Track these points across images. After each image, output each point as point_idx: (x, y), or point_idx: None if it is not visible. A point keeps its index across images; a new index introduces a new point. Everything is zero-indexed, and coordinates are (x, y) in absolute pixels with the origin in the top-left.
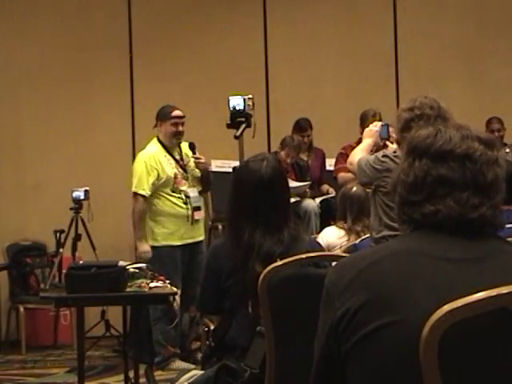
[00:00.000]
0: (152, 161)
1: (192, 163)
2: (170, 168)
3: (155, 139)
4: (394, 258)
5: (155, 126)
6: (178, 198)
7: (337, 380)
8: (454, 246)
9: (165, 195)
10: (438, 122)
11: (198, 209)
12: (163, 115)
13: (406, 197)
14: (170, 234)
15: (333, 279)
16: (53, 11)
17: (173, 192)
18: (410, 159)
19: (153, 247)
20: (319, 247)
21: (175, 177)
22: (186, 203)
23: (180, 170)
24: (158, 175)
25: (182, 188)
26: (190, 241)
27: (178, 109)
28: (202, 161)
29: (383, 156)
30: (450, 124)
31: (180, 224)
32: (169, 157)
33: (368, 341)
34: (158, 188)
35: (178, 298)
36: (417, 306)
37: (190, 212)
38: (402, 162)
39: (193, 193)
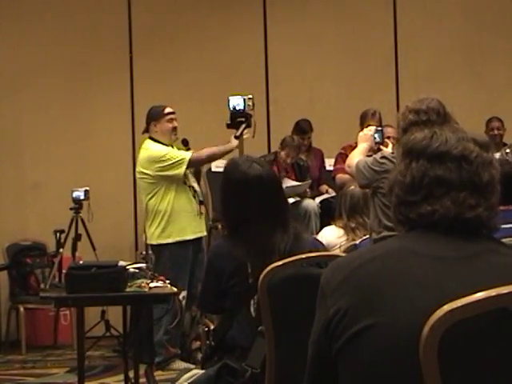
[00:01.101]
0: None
1: None
2: None
3: (149, 140)
4: (387, 257)
5: (146, 130)
6: (189, 191)
7: (329, 379)
8: (448, 245)
9: (177, 190)
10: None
11: (201, 203)
12: (157, 114)
13: (403, 197)
14: (183, 228)
15: (327, 278)
16: (53, 11)
17: (183, 186)
18: (406, 161)
19: (165, 245)
20: (322, 247)
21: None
22: (194, 197)
23: None
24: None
25: (189, 183)
26: (199, 234)
27: (167, 106)
28: None
29: (381, 157)
30: (445, 127)
31: (192, 218)
32: None
33: (358, 340)
34: (171, 183)
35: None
36: (408, 305)
37: (198, 206)
38: (398, 164)
39: (197, 187)
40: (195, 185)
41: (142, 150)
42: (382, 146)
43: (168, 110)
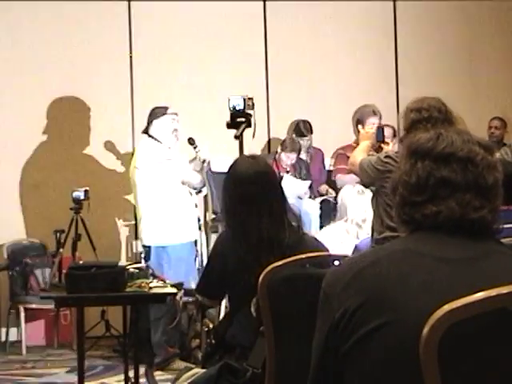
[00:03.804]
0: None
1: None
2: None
3: (147, 137)
4: (392, 258)
5: (145, 130)
6: (186, 193)
7: (335, 381)
8: (452, 246)
9: (176, 192)
10: (445, 126)
11: (195, 205)
12: (159, 113)
13: (408, 197)
14: (180, 231)
15: (330, 281)
16: (53, 11)
17: (181, 187)
18: (411, 161)
19: (162, 247)
20: (324, 247)
21: None
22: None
23: None
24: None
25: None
26: (194, 238)
27: (170, 107)
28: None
29: (385, 157)
30: (450, 128)
31: (189, 220)
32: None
33: (366, 341)
34: (168, 183)
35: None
36: (414, 305)
37: (194, 208)
38: (403, 164)
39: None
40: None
41: (139, 145)
42: (383, 145)
43: (171, 110)
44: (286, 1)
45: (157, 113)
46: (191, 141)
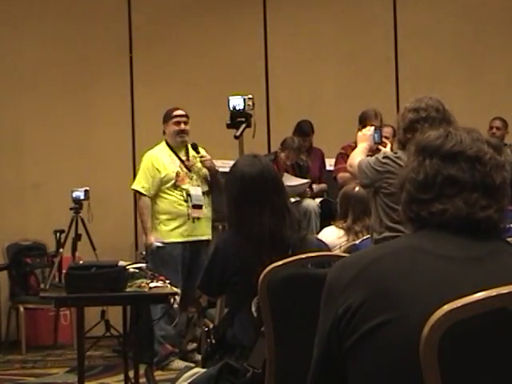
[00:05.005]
0: (154, 159)
1: (199, 164)
2: (172, 166)
3: (162, 143)
4: (396, 255)
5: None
6: (180, 195)
7: (337, 378)
8: (457, 245)
9: (166, 193)
10: (442, 126)
11: (198, 207)
12: (167, 116)
13: (415, 195)
14: (170, 230)
15: (334, 277)
16: (54, 11)
17: (174, 189)
18: (420, 158)
19: (160, 246)
20: (326, 247)
21: (177, 175)
22: (186, 201)
23: (184, 169)
24: (159, 174)
25: (184, 186)
26: (191, 238)
27: (179, 109)
28: (208, 158)
29: (384, 157)
30: (460, 127)
31: (180, 221)
32: (174, 156)
33: (369, 338)
34: (159, 186)
35: (177, 297)
36: (418, 303)
37: (189, 210)
38: (411, 161)
39: (195, 191)
40: (192, 188)
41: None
42: (380, 146)
43: (177, 112)
44: (286, 3)
45: (165, 116)
46: (193, 146)
